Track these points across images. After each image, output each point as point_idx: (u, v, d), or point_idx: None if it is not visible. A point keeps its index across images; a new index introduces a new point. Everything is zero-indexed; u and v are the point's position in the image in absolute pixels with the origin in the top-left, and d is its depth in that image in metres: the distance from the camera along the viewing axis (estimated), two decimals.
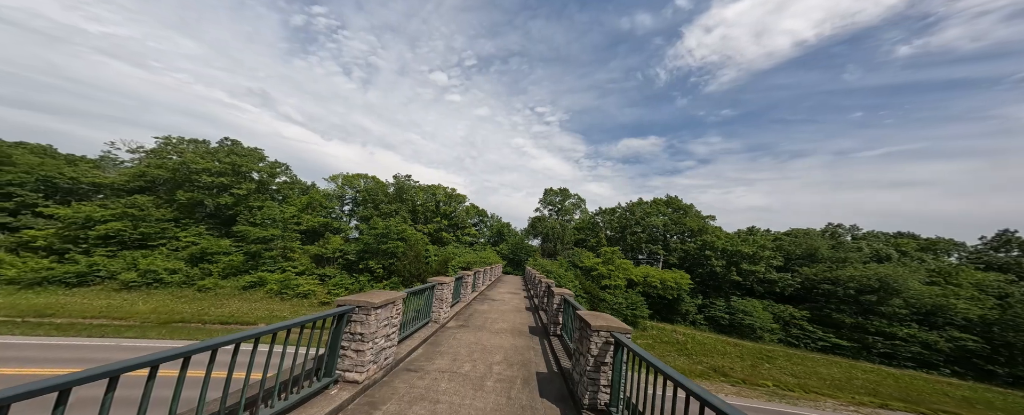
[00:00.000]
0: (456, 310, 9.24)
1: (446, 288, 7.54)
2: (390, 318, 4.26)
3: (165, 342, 17.40)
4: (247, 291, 27.69)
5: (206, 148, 36.48)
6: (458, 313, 9.22)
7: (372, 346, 3.77)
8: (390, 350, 4.43)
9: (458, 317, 8.77)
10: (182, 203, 32.45)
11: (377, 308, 3.75)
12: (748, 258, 35.81)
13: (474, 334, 7.09)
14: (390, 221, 35.46)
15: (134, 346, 16.08)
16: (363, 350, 3.63)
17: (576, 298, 31.03)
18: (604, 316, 4.27)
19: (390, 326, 4.32)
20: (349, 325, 3.62)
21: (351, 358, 3.61)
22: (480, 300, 12.26)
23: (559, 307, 7.28)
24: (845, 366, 25.30)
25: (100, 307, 22.38)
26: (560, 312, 7.28)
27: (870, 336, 28.09)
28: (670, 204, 50.54)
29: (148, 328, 19.26)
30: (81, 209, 27.97)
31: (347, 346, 3.61)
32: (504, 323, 8.55)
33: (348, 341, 3.62)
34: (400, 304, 4.61)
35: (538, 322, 9.23)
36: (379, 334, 3.94)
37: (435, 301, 7.28)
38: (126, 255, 27.48)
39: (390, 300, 4.08)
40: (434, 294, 7.27)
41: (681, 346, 27.98)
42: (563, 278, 32.65)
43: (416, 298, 6.62)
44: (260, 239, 30.75)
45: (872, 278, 29.29)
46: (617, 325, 3.74)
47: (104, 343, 16.15)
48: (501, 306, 11.41)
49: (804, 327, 30.49)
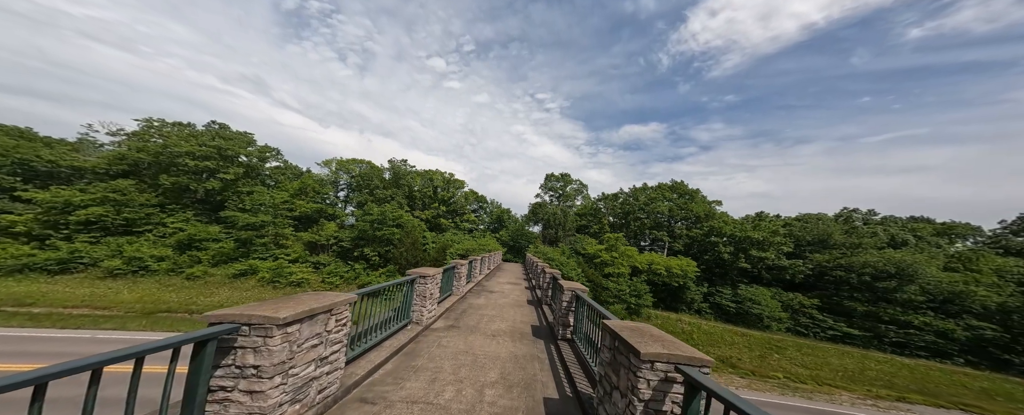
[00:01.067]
0: (446, 306, 7.89)
1: (431, 282, 6.11)
2: (324, 333, 2.81)
3: (146, 334, 16.44)
4: (238, 279, 26.75)
5: (190, 131, 34.55)
6: (449, 309, 7.87)
7: (284, 382, 2.34)
8: (331, 377, 3.02)
9: (448, 315, 7.41)
10: (167, 188, 31.00)
11: (287, 325, 2.29)
12: (758, 244, 34.46)
13: (464, 339, 5.72)
14: (386, 207, 34.03)
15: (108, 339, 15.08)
16: (264, 390, 2.19)
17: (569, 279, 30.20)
18: (651, 331, 2.82)
19: (328, 344, 2.89)
20: (232, 355, 2.16)
21: (241, 405, 2.17)
22: (476, 293, 10.94)
23: (569, 306, 5.87)
24: (857, 356, 24.49)
25: (83, 296, 21.44)
26: (570, 312, 5.88)
27: (883, 325, 27.16)
28: (675, 189, 48.73)
29: (129, 319, 18.32)
30: (60, 193, 26.55)
31: (231, 387, 2.16)
32: (502, 322, 7.20)
33: (234, 379, 2.17)
34: (345, 311, 3.15)
35: (542, 320, 7.89)
36: (301, 360, 2.51)
37: (416, 298, 5.87)
38: (110, 242, 26.36)
39: (318, 310, 2.62)
40: (414, 290, 5.85)
41: (687, 336, 27.20)
42: (565, 265, 31.54)
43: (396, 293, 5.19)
44: (250, 225, 29.51)
45: (888, 264, 27.99)
46: (684, 353, 2.28)
47: (78, 335, 15.18)
48: (499, 299, 10.09)
49: (814, 316, 29.58)
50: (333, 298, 2.94)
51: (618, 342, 2.76)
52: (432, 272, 6.06)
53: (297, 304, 2.52)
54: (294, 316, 2.31)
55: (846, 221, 39.44)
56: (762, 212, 45.68)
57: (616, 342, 2.82)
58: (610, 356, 2.97)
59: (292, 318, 2.29)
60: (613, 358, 2.88)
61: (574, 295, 5.79)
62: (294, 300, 2.66)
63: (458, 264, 9.38)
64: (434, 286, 6.33)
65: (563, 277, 8.85)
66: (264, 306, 2.35)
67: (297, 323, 2.40)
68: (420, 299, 5.87)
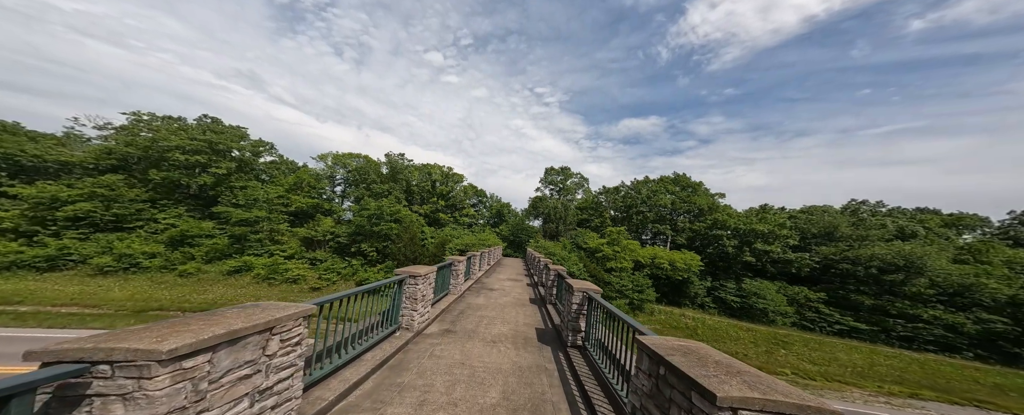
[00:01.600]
0: (442, 307, 7.18)
1: (423, 282, 5.37)
2: (263, 359, 2.07)
3: None
4: (232, 276, 26.14)
5: (180, 125, 33.51)
6: (445, 311, 7.16)
7: None
8: (280, 410, 2.29)
9: (444, 317, 6.70)
10: (158, 183, 30.15)
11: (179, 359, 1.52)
12: (763, 237, 33.77)
13: (461, 346, 5.01)
14: (383, 201, 33.24)
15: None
16: None
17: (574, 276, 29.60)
18: (713, 356, 2.13)
19: (271, 371, 2.15)
20: (88, 405, 1.40)
21: None
22: (475, 291, 10.25)
23: (580, 309, 5.13)
24: (865, 351, 24.04)
25: (72, 294, 20.85)
26: (582, 316, 5.15)
27: (891, 319, 26.67)
28: (678, 182, 47.86)
29: (118, 318, 17.71)
30: (46, 189, 25.72)
31: None
32: (504, 325, 6.50)
33: None
34: (296, 328, 2.39)
35: (547, 321, 7.19)
36: (221, 400, 1.78)
37: (405, 301, 5.13)
38: (99, 238, 25.65)
39: (246, 330, 1.86)
40: (404, 292, 5.11)
41: (691, 331, 26.75)
42: (566, 260, 30.91)
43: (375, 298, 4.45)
44: (244, 221, 28.78)
45: (897, 256, 27.33)
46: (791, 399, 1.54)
47: (65, 335, 14.58)
48: (500, 298, 9.39)
49: (820, 310, 29.08)
50: (275, 312, 2.18)
51: (666, 370, 2.03)
52: (424, 271, 5.31)
53: (209, 325, 1.76)
54: (196, 345, 1.55)
55: (853, 213, 38.68)
56: (766, 204, 44.90)
57: (662, 370, 2.08)
58: (650, 386, 2.24)
59: (190, 348, 1.53)
60: (656, 390, 2.15)
61: (586, 297, 5.05)
62: (210, 319, 1.90)
63: (455, 261, 8.65)
64: (427, 286, 5.59)
65: (569, 274, 8.18)
66: (144, 332, 1.59)
67: (203, 353, 1.63)
68: (410, 302, 5.13)
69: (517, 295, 10.13)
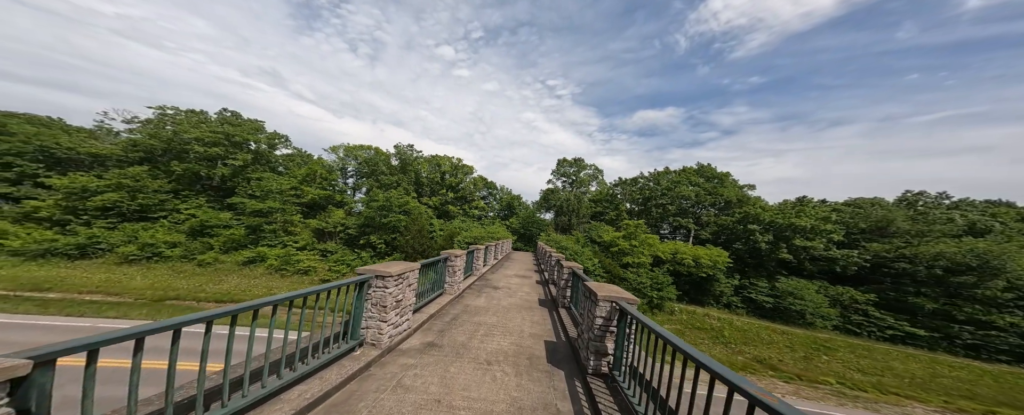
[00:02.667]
0: (433, 310, 5.98)
1: (397, 284, 4.13)
2: None
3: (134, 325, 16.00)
4: (247, 267, 26.55)
5: (200, 118, 34.23)
6: (436, 315, 5.96)
7: None
8: None
9: (431, 325, 5.51)
10: (180, 174, 31.04)
11: None
12: (804, 232, 30.52)
13: (443, 371, 3.77)
14: (391, 193, 32.74)
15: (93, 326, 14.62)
16: None
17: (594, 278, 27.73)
18: None
19: None
20: None
21: None
22: (477, 289, 9.04)
23: (607, 324, 3.72)
24: (925, 360, 21.15)
25: (98, 281, 21.68)
26: (609, 334, 3.74)
27: (956, 325, 23.33)
28: (702, 173, 44.48)
29: (134, 307, 18.09)
30: (77, 179, 26.94)
31: None
32: (505, 337, 5.21)
33: None
34: None
35: (559, 331, 5.83)
36: None
37: (371, 309, 3.91)
38: (126, 227, 26.68)
39: None
40: (367, 297, 3.89)
41: (717, 333, 24.65)
42: (580, 254, 29.33)
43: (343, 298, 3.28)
44: (258, 212, 29.12)
45: (969, 255, 23.69)
46: None
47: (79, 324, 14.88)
48: (504, 299, 8.12)
49: (869, 313, 25.99)
50: None
51: None
52: (397, 270, 4.05)
53: None
54: None
55: (910, 205, 34.20)
56: (804, 197, 40.86)
57: None
58: None
59: None
60: None
61: (615, 308, 3.64)
62: None
63: (451, 255, 7.42)
64: (403, 289, 4.35)
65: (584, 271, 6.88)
66: None
67: None
68: (377, 310, 3.91)
69: (524, 295, 8.83)
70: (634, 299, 3.58)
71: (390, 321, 4.06)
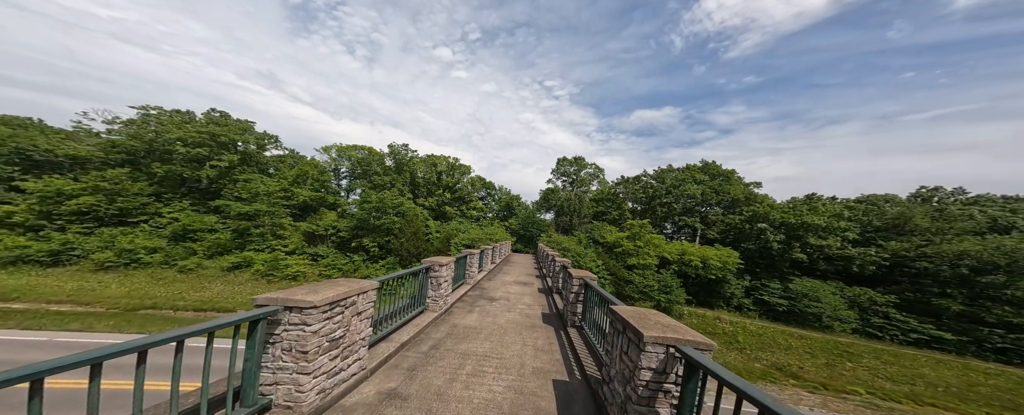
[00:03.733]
0: (405, 337, 4.56)
1: (331, 319, 2.70)
2: None
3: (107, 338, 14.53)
4: (232, 272, 25.10)
5: (184, 118, 32.88)
6: (408, 345, 4.54)
7: None
8: None
9: (399, 362, 4.09)
10: (162, 176, 29.62)
11: None
12: (817, 230, 29.10)
13: None
14: (385, 193, 31.33)
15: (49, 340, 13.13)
16: None
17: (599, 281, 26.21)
18: None
19: None
20: None
21: None
22: (469, 303, 7.62)
23: (661, 378, 2.29)
24: (957, 366, 19.70)
25: (70, 290, 20.24)
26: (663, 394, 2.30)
27: (985, 327, 21.90)
28: (707, 170, 43.18)
29: (101, 318, 16.62)
30: (52, 182, 25.50)
31: None
32: (500, 378, 3.80)
33: None
34: None
35: (572, 365, 4.40)
36: None
37: (285, 356, 2.48)
38: (103, 232, 25.24)
39: None
40: (278, 339, 2.46)
41: (730, 338, 23.20)
42: (582, 256, 27.90)
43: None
44: (245, 215, 27.69)
45: (997, 254, 22.30)
46: None
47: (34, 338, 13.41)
48: (502, 315, 6.70)
49: (890, 315, 24.54)
50: None
51: None
52: (327, 296, 2.60)
53: None
54: None
55: (925, 201, 32.81)
56: (814, 194, 39.51)
57: None
58: None
59: None
60: None
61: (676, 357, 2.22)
62: None
63: (435, 265, 6.00)
64: (344, 322, 2.93)
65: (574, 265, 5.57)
66: None
67: None
68: (293, 357, 2.48)
69: (525, 309, 7.41)
70: (708, 343, 2.17)
71: (319, 370, 2.64)
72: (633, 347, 2.45)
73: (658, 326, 2.43)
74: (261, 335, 2.31)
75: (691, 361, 2.01)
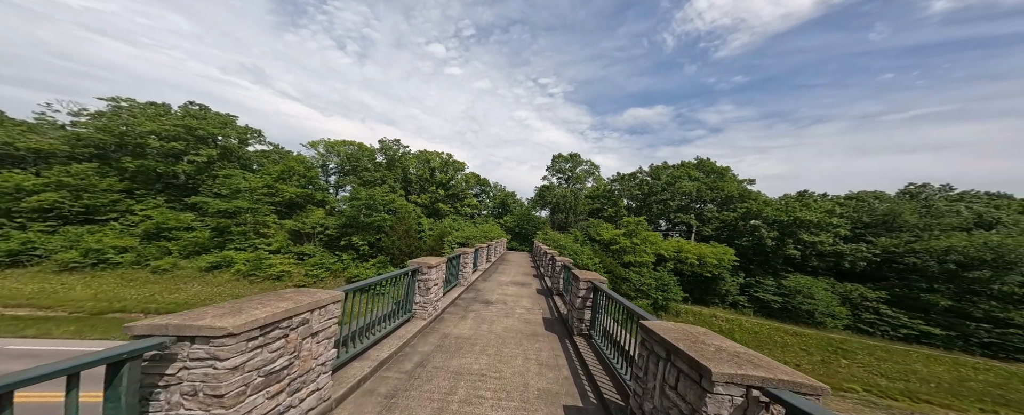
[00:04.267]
0: (385, 354, 3.80)
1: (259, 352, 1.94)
2: None
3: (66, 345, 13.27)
4: (211, 273, 23.72)
5: (158, 110, 30.96)
6: (388, 363, 3.79)
7: None
8: None
9: (375, 387, 3.34)
10: (135, 172, 27.79)
11: None
12: (810, 226, 29.28)
13: None
14: (375, 190, 30.20)
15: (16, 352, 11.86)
16: None
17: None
18: None
19: None
20: None
21: None
22: (463, 306, 6.88)
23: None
24: (947, 362, 19.97)
25: (29, 293, 18.70)
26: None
27: (971, 322, 22.31)
28: (701, 167, 43.30)
29: (62, 323, 15.28)
30: (10, 178, 23.59)
31: None
32: (500, 408, 3.09)
33: None
34: None
35: (585, 388, 3.71)
36: None
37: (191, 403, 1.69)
38: (69, 231, 23.50)
39: None
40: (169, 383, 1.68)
41: (726, 336, 23.07)
42: (579, 253, 27.44)
43: None
44: (224, 212, 26.21)
45: (983, 249, 22.71)
46: None
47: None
48: (500, 320, 5.99)
49: (880, 311, 24.85)
50: None
51: None
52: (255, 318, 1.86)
53: None
54: None
55: (913, 198, 33.45)
56: (805, 191, 39.98)
57: None
58: None
59: None
60: None
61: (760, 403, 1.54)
62: None
63: (423, 267, 5.25)
64: (288, 350, 2.17)
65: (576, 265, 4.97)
66: None
67: None
68: (197, 403, 1.71)
69: (524, 314, 6.71)
70: (815, 385, 1.51)
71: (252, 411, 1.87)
72: (688, 384, 1.76)
73: (726, 356, 1.74)
74: (130, 383, 1.51)
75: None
